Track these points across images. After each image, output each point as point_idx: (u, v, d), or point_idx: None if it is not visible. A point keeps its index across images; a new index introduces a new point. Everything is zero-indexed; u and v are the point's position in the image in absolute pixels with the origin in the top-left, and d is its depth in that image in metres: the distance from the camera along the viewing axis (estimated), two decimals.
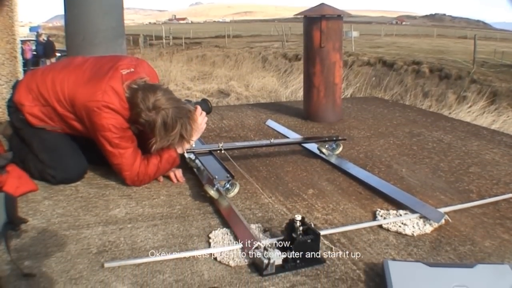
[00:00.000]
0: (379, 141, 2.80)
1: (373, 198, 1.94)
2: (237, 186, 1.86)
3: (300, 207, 1.84)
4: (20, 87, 1.97)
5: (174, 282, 1.32)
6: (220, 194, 1.78)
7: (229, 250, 1.48)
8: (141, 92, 1.79)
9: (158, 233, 1.61)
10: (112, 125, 1.81)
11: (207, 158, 2.12)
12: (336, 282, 1.34)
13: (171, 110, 1.79)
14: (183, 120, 1.82)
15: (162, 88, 1.84)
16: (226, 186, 1.85)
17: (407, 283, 1.26)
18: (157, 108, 1.77)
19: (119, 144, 1.85)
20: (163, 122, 1.78)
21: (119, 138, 1.84)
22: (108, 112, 1.80)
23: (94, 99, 1.80)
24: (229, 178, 1.87)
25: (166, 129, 1.79)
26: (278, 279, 1.35)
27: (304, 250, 1.41)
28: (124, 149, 1.86)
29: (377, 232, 1.64)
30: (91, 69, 1.92)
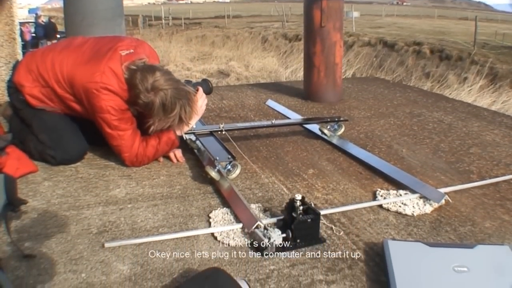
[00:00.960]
0: (380, 121, 2.78)
1: (373, 178, 1.93)
2: (238, 167, 1.83)
3: (300, 187, 1.84)
4: (20, 68, 1.95)
5: (175, 261, 1.32)
6: (221, 175, 1.76)
7: (229, 229, 1.48)
8: (139, 73, 1.75)
9: (158, 213, 1.60)
10: (111, 107, 1.78)
11: (208, 139, 2.09)
12: (336, 261, 1.34)
13: (170, 91, 1.75)
14: (182, 101, 1.78)
15: (161, 69, 1.80)
16: (227, 168, 1.82)
17: (407, 262, 1.25)
18: (156, 89, 1.74)
19: (118, 126, 1.83)
20: (162, 104, 1.74)
21: (117, 120, 1.81)
22: (107, 94, 1.77)
23: (92, 80, 1.77)
24: (230, 159, 1.84)
25: (164, 111, 1.76)
26: (278, 259, 1.35)
27: (304, 230, 1.40)
28: (123, 131, 1.84)
29: (377, 212, 1.64)
30: (91, 50, 1.89)
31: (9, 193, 1.52)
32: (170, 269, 1.28)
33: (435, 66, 10.89)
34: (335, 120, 2.41)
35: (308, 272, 1.29)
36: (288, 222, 1.42)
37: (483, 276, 1.20)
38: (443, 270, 1.22)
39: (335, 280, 1.25)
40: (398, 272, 1.21)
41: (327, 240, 1.45)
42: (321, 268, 1.31)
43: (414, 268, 1.23)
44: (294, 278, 1.26)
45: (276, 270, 1.29)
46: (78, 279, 1.23)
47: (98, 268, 1.28)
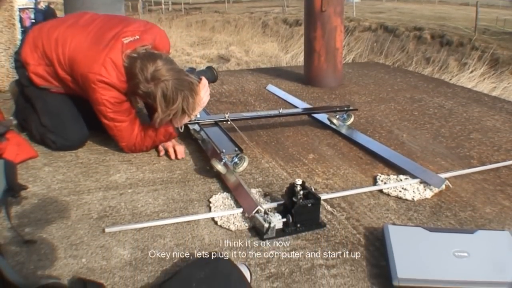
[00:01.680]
0: (380, 106, 2.76)
1: (373, 163, 1.92)
2: (245, 160, 1.75)
3: (300, 172, 1.83)
4: (27, 44, 1.89)
5: (175, 246, 1.31)
6: (227, 168, 1.69)
7: (229, 214, 1.47)
8: (139, 61, 1.67)
9: (159, 198, 1.59)
10: (106, 100, 1.74)
11: (213, 129, 2.00)
12: (336, 246, 1.34)
13: (171, 82, 1.65)
14: (185, 93, 1.68)
15: (163, 57, 1.70)
16: (234, 160, 1.75)
17: (407, 247, 1.25)
18: (156, 80, 1.64)
19: (114, 118, 1.79)
20: (163, 95, 1.65)
21: (113, 112, 1.77)
22: (103, 88, 1.71)
23: (91, 71, 1.71)
24: (237, 151, 1.76)
25: (166, 102, 1.66)
26: (278, 243, 1.34)
27: (305, 214, 1.40)
28: (119, 123, 1.81)
29: (377, 197, 1.63)
30: (96, 32, 1.82)
31: (9, 179, 1.51)
32: (170, 253, 1.28)
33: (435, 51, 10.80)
34: (344, 109, 2.33)
35: (308, 256, 1.28)
36: (288, 207, 1.42)
37: (483, 261, 1.19)
38: (443, 255, 1.21)
39: (335, 265, 1.25)
40: (398, 256, 1.20)
41: (327, 224, 1.44)
42: (321, 252, 1.30)
43: (414, 253, 1.23)
44: (294, 263, 1.25)
45: (276, 255, 1.29)
46: (78, 264, 1.22)
47: (98, 253, 1.27)
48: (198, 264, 1.09)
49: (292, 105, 2.65)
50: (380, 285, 1.17)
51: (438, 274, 1.15)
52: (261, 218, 1.37)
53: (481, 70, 6.33)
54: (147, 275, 1.19)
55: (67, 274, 1.18)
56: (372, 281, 1.19)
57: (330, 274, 1.21)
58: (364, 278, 1.20)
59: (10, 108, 2.17)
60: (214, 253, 1.13)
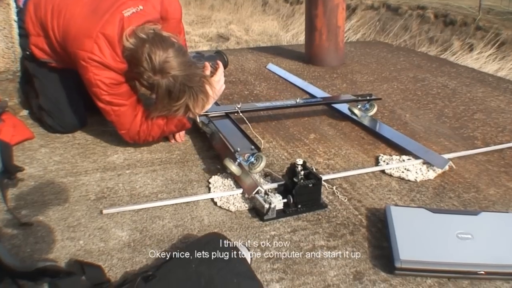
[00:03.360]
0: (383, 86, 2.74)
1: (376, 143, 1.91)
2: (263, 160, 1.55)
3: (301, 152, 1.82)
4: (28, 12, 1.76)
5: (174, 227, 1.31)
6: (242, 169, 1.53)
7: (229, 195, 1.46)
8: (148, 46, 1.48)
9: (157, 178, 1.58)
10: (100, 81, 1.57)
11: (224, 123, 1.83)
12: (337, 227, 1.33)
13: (181, 78, 1.50)
14: (193, 90, 1.54)
15: (176, 46, 1.52)
16: (250, 160, 1.57)
17: (409, 228, 1.24)
18: (165, 73, 1.48)
19: (111, 102, 1.62)
20: (168, 90, 1.51)
21: (110, 95, 1.60)
22: (96, 67, 1.55)
23: (82, 48, 1.55)
24: (254, 150, 1.58)
25: (170, 98, 1.53)
26: (279, 224, 1.34)
27: (306, 195, 1.39)
28: (117, 107, 1.63)
29: (379, 178, 1.62)
30: (92, 2, 1.66)
31: (5, 160, 1.49)
32: (169, 235, 1.27)
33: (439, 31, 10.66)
34: (366, 98, 2.19)
35: (310, 237, 1.28)
36: (289, 187, 1.41)
37: (488, 243, 1.18)
38: (446, 237, 1.20)
39: (337, 246, 1.24)
40: (400, 238, 1.20)
41: (328, 205, 1.44)
42: (322, 233, 1.30)
43: (416, 235, 1.22)
44: (295, 244, 1.25)
45: (277, 236, 1.28)
46: (76, 247, 1.22)
47: (96, 235, 1.27)
48: (197, 245, 1.08)
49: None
50: (382, 267, 1.17)
51: (441, 256, 1.14)
52: (262, 199, 1.36)
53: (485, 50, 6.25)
54: (146, 256, 1.18)
55: (64, 257, 1.18)
56: (374, 262, 1.18)
57: (331, 256, 1.21)
58: (365, 259, 1.20)
59: (5, 89, 2.13)
60: (213, 234, 1.13)
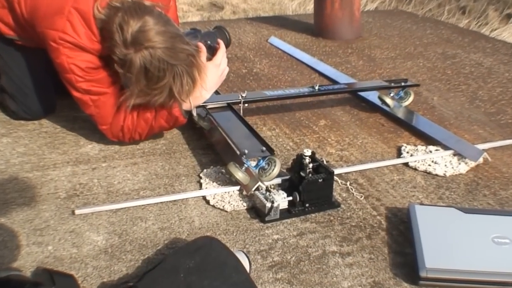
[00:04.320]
0: (406, 63, 2.74)
1: (398, 131, 1.91)
2: (276, 165, 1.47)
3: (309, 141, 1.82)
4: None
5: (159, 230, 1.31)
6: (250, 176, 1.44)
7: (224, 192, 1.46)
8: (120, 15, 1.42)
9: (139, 173, 1.58)
10: (75, 66, 1.53)
11: (226, 116, 1.75)
12: (352, 229, 1.33)
13: (160, 52, 1.42)
14: (178, 69, 1.46)
15: (156, 13, 1.45)
16: (261, 165, 1.48)
17: (437, 231, 1.24)
18: (138, 44, 1.41)
19: (88, 90, 1.58)
20: (144, 68, 1.43)
21: (86, 82, 1.56)
22: (69, 48, 1.51)
23: (52, 27, 1.51)
24: (265, 152, 1.49)
25: (148, 79, 1.45)
26: (283, 226, 1.34)
27: (315, 192, 1.39)
28: (97, 95, 1.59)
29: (402, 172, 1.62)
30: None
31: None
32: (153, 239, 1.27)
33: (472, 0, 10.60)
34: (400, 84, 2.12)
35: (319, 242, 1.28)
36: (295, 183, 1.41)
37: None
38: (480, 241, 1.20)
39: (351, 252, 1.25)
40: (426, 243, 1.20)
41: (341, 204, 1.44)
42: (334, 237, 1.30)
43: (445, 239, 1.22)
44: (302, 250, 1.25)
45: (281, 240, 1.28)
46: (44, 253, 1.22)
47: (67, 239, 1.27)
48: (186, 251, 1.08)
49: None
50: (405, 276, 1.17)
51: (474, 264, 1.14)
52: (262, 197, 1.36)
53: None
54: (126, 264, 1.18)
55: (31, 265, 1.17)
56: (395, 271, 1.18)
57: (345, 263, 1.21)
58: (385, 268, 1.20)
59: None
60: (205, 238, 1.13)
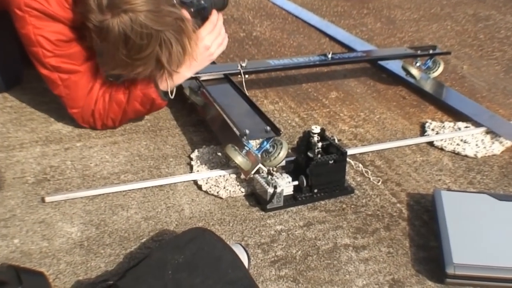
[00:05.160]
0: (431, 26, 2.74)
1: (421, 105, 1.92)
2: (283, 148, 1.43)
3: (318, 117, 1.82)
4: None
5: (143, 220, 1.31)
6: (252, 161, 1.43)
7: (218, 175, 1.46)
8: None
9: (119, 153, 1.58)
10: (43, 38, 1.51)
11: (223, 90, 1.74)
12: (368, 219, 1.33)
13: (143, 17, 1.39)
14: (164, 35, 1.44)
15: None
16: (264, 147, 1.46)
17: (466, 221, 1.24)
18: (116, 8, 1.38)
19: (58, 67, 1.56)
20: (124, 35, 1.40)
21: (56, 57, 1.55)
22: (37, 17, 1.49)
23: None
24: (269, 133, 1.48)
25: (128, 48, 1.43)
26: (287, 215, 1.34)
27: (324, 176, 1.39)
28: (67, 74, 1.58)
29: (426, 152, 1.63)
30: None
31: None
32: (136, 231, 1.27)
33: None
34: (428, 52, 2.10)
35: (330, 234, 1.28)
36: (301, 165, 1.40)
37: None
38: None
39: (367, 245, 1.25)
40: (454, 234, 1.19)
41: (355, 190, 1.44)
42: (347, 228, 1.30)
43: (476, 230, 1.22)
44: (309, 242, 1.25)
45: (285, 231, 1.28)
46: (9, 247, 1.21)
47: (36, 231, 1.26)
48: (175, 244, 1.08)
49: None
50: (429, 273, 1.17)
51: (509, 259, 1.13)
52: (263, 181, 1.36)
53: None
54: (105, 260, 1.18)
55: None
56: (417, 267, 1.19)
57: (360, 258, 1.21)
58: (406, 263, 1.20)
59: None
60: (197, 229, 1.12)
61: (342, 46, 2.43)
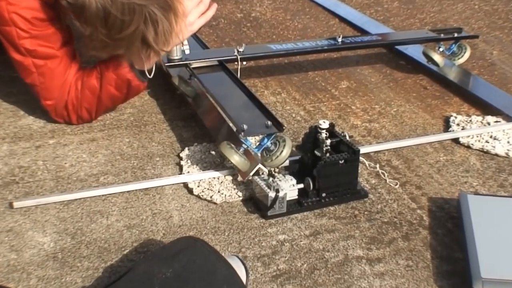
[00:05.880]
0: (456, 5, 2.75)
1: (445, 97, 1.92)
2: (286, 145, 1.43)
3: (327, 110, 1.82)
4: None
5: (126, 228, 1.31)
6: (251, 160, 1.44)
7: (212, 177, 1.46)
8: None
9: (98, 152, 1.59)
10: (18, 16, 1.51)
11: (217, 79, 1.74)
12: (384, 227, 1.33)
13: None
14: (150, 11, 1.44)
15: None
16: (265, 144, 1.45)
17: (496, 230, 1.24)
18: None
19: (33, 51, 1.57)
20: (103, 12, 1.40)
21: (32, 39, 1.55)
22: None
23: None
24: (271, 128, 1.47)
25: (109, 27, 1.43)
26: (291, 223, 1.34)
27: (334, 177, 1.39)
28: (43, 59, 1.59)
29: (450, 150, 1.63)
30: None
31: None
32: (118, 241, 1.27)
33: None
34: (452, 35, 2.10)
35: (340, 244, 1.28)
36: (307, 165, 1.41)
37: None
38: None
39: (383, 257, 1.25)
40: (482, 245, 1.19)
41: (370, 194, 1.44)
42: (360, 238, 1.30)
43: (507, 239, 1.22)
44: (317, 254, 1.25)
45: (289, 242, 1.28)
46: None
47: (4, 241, 1.26)
48: (162, 256, 1.08)
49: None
50: None
51: None
52: (264, 184, 1.36)
53: None
54: (82, 274, 1.18)
55: None
56: (440, 283, 1.18)
57: (375, 272, 1.21)
58: (427, 278, 1.20)
59: None
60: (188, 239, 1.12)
61: (354, 28, 2.44)
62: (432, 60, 2.02)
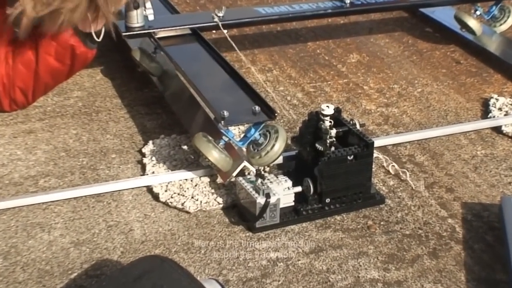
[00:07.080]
0: None
1: (483, 73, 1.94)
2: (279, 137, 1.44)
3: (332, 91, 1.83)
4: None
5: (73, 245, 1.31)
6: (233, 157, 1.46)
7: (184, 180, 1.47)
8: None
9: (37, 147, 1.59)
10: None
11: (191, 52, 1.79)
12: (406, 241, 1.34)
13: None
14: None
15: None
16: (252, 137, 1.46)
17: None
18: None
19: None
20: None
21: None
22: None
23: None
24: (259, 115, 1.48)
25: None
26: (286, 237, 1.34)
27: (340, 178, 1.39)
28: None
29: (491, 142, 1.64)
30: None
31: None
32: (63, 261, 1.27)
33: None
34: None
35: (349, 264, 1.28)
36: (307, 162, 1.41)
37: None
38: None
39: (404, 280, 1.25)
40: None
41: (387, 199, 1.45)
42: (375, 256, 1.30)
43: None
44: (319, 277, 1.25)
45: (283, 261, 1.28)
46: None
47: None
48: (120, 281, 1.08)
49: None
50: None
51: None
52: (251, 187, 1.36)
53: None
54: None
55: None
56: None
57: None
58: None
59: None
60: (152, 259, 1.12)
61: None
62: (466, 27, 2.03)
